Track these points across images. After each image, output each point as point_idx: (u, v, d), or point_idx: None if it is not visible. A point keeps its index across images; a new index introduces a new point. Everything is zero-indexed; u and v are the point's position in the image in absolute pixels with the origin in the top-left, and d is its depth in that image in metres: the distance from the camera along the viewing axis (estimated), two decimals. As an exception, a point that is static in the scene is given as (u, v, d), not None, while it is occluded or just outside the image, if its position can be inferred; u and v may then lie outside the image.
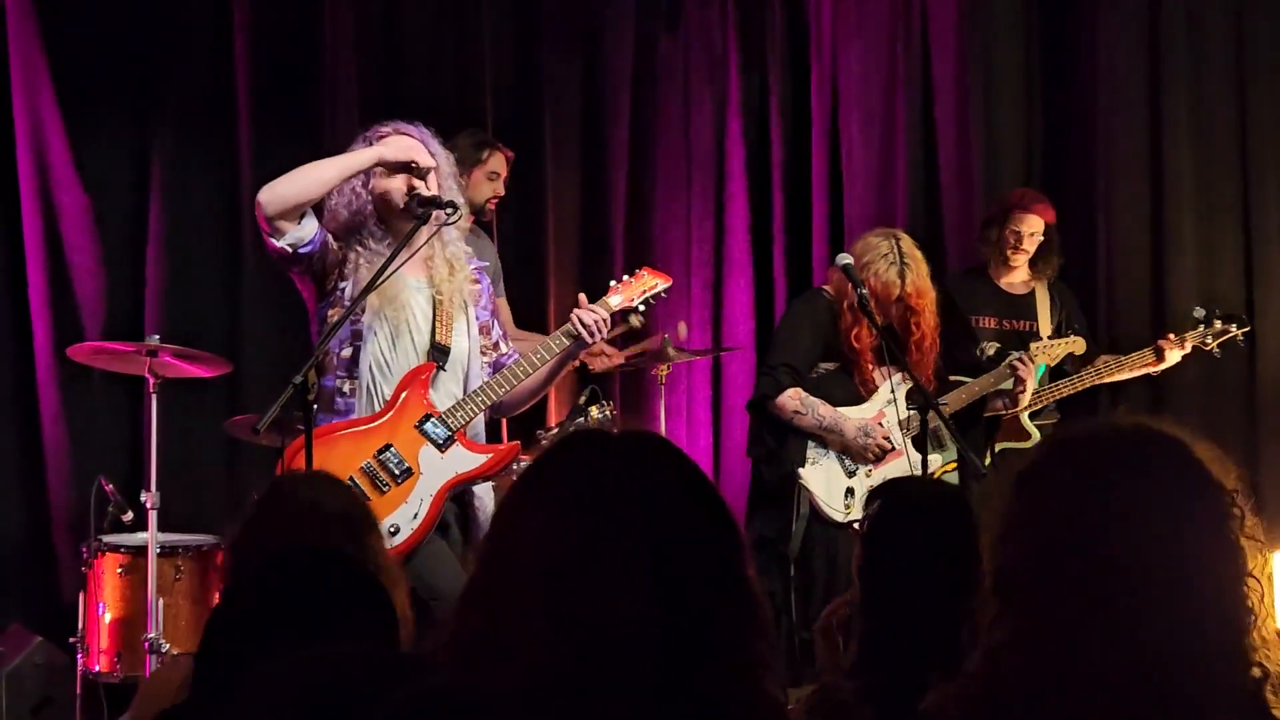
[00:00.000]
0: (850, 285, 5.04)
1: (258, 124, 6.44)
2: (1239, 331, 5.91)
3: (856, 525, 3.10)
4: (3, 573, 6.11)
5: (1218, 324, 5.88)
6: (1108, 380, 5.89)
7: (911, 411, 5.21)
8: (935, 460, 5.22)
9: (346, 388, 4.30)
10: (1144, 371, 5.88)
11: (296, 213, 4.23)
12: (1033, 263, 6.05)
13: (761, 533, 5.31)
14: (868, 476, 5.28)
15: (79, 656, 5.46)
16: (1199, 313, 5.92)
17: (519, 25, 7.02)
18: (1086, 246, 6.83)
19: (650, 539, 1.62)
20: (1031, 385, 5.54)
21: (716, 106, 7.16)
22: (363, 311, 4.25)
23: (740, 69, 7.17)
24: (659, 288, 4.70)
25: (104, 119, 6.36)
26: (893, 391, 5.28)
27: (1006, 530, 1.84)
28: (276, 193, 4.24)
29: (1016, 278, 6.07)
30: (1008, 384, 5.55)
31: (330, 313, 4.32)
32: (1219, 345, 5.90)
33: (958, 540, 2.89)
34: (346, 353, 4.30)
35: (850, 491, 5.25)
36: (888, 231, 5.50)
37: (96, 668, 5.45)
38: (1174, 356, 5.80)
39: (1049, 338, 5.83)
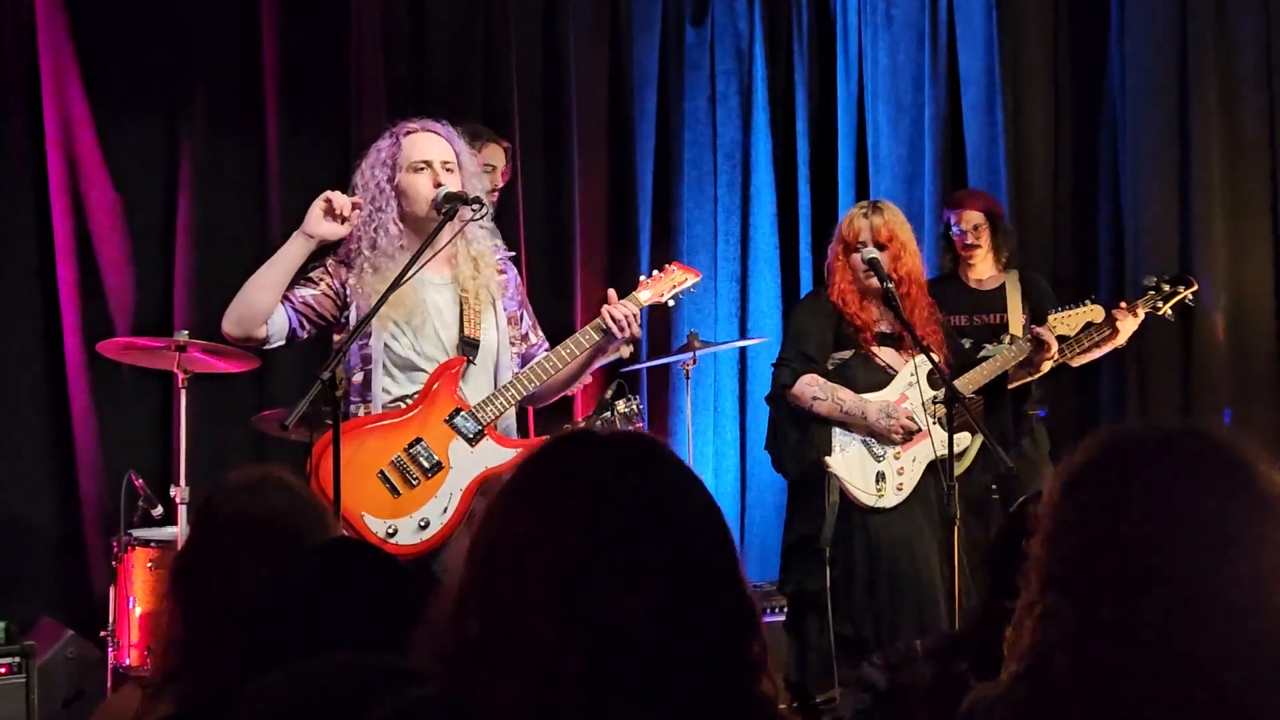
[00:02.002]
0: (875, 277, 5.09)
1: (286, 119, 6.46)
2: (1187, 292, 5.83)
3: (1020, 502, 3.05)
4: (34, 567, 6.14)
5: (1166, 288, 5.84)
6: (1076, 361, 5.84)
7: (936, 398, 5.18)
8: (964, 439, 5.20)
9: (361, 411, 4.32)
10: (1109, 348, 5.81)
11: (260, 324, 4.28)
12: (997, 255, 6.06)
13: (800, 532, 5.27)
14: (896, 459, 5.22)
15: (109, 650, 5.49)
16: (1149, 280, 5.90)
17: (545, 18, 7.03)
18: (1115, 237, 6.81)
19: (654, 540, 1.61)
20: (1055, 348, 5.48)
21: (743, 99, 7.17)
22: (369, 336, 4.28)
23: (767, 62, 7.18)
24: (688, 283, 4.70)
25: (133, 115, 6.39)
26: (913, 373, 5.25)
27: (1055, 530, 1.83)
28: (234, 319, 4.29)
29: (983, 274, 6.07)
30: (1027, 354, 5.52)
31: (337, 338, 4.37)
32: (1171, 309, 5.85)
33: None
34: (358, 378, 4.33)
35: (881, 476, 5.21)
36: (872, 200, 5.55)
37: (127, 661, 5.48)
38: (1128, 325, 5.73)
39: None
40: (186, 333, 5.37)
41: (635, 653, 1.56)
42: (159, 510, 5.53)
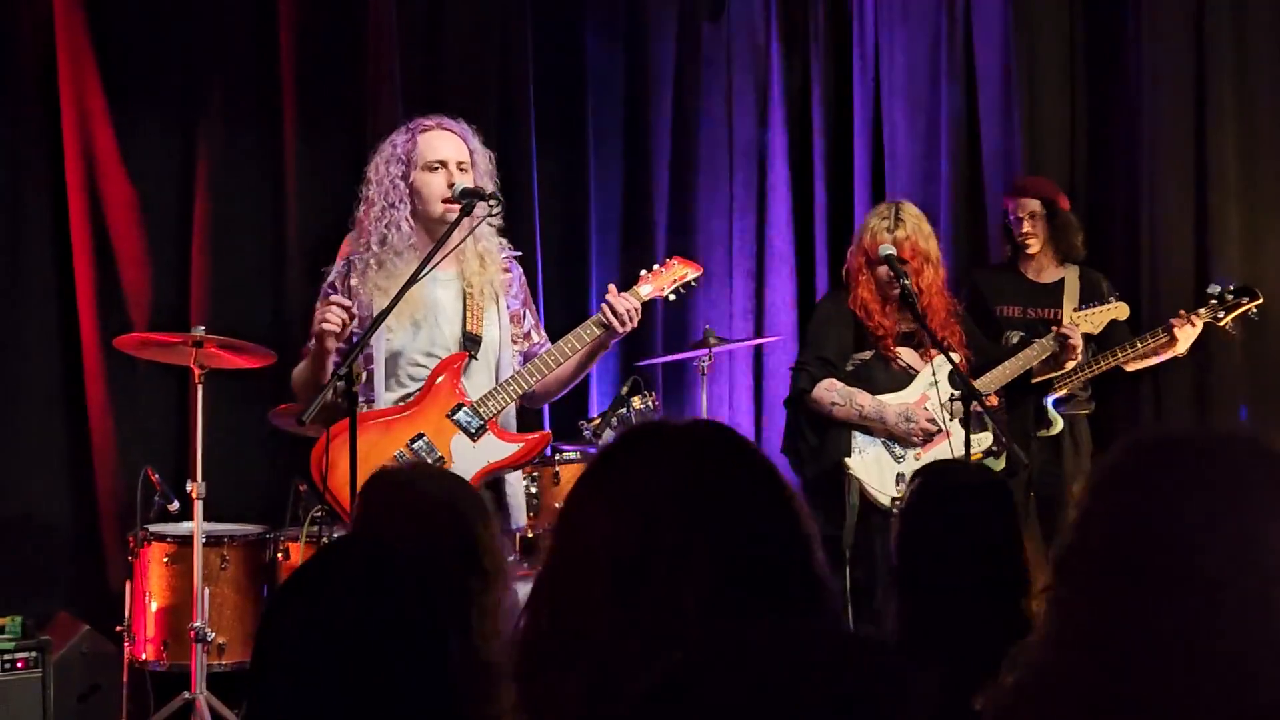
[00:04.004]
0: (892, 274, 5.11)
1: (302, 116, 6.47)
2: (1251, 305, 5.78)
3: (896, 504, 3.08)
4: (50, 562, 6.15)
5: (1229, 298, 5.78)
6: (1130, 366, 5.83)
7: (956, 399, 5.18)
8: (985, 440, 5.19)
9: (366, 409, 4.33)
10: (1167, 355, 5.78)
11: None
12: (1056, 247, 6.01)
13: (821, 532, 5.26)
14: (916, 460, 5.24)
15: (125, 645, 5.51)
16: (1212, 289, 5.83)
17: (562, 15, 7.03)
18: (1130, 235, 6.78)
19: (712, 534, 1.59)
20: (1080, 347, 5.46)
21: (759, 96, 7.15)
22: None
23: (783, 58, 7.16)
24: (689, 277, 4.69)
25: (150, 111, 6.40)
26: (934, 374, 5.26)
27: (1081, 528, 1.81)
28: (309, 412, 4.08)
29: (1042, 266, 6.03)
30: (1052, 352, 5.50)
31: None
32: (1233, 320, 5.79)
33: (997, 527, 2.87)
34: (361, 376, 4.33)
35: (900, 477, 5.23)
36: (892, 202, 5.53)
37: (143, 656, 5.50)
38: (1186, 334, 5.67)
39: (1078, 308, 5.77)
40: (203, 328, 5.37)
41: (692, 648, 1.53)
42: (175, 505, 5.55)
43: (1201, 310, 5.74)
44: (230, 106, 6.46)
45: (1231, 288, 5.82)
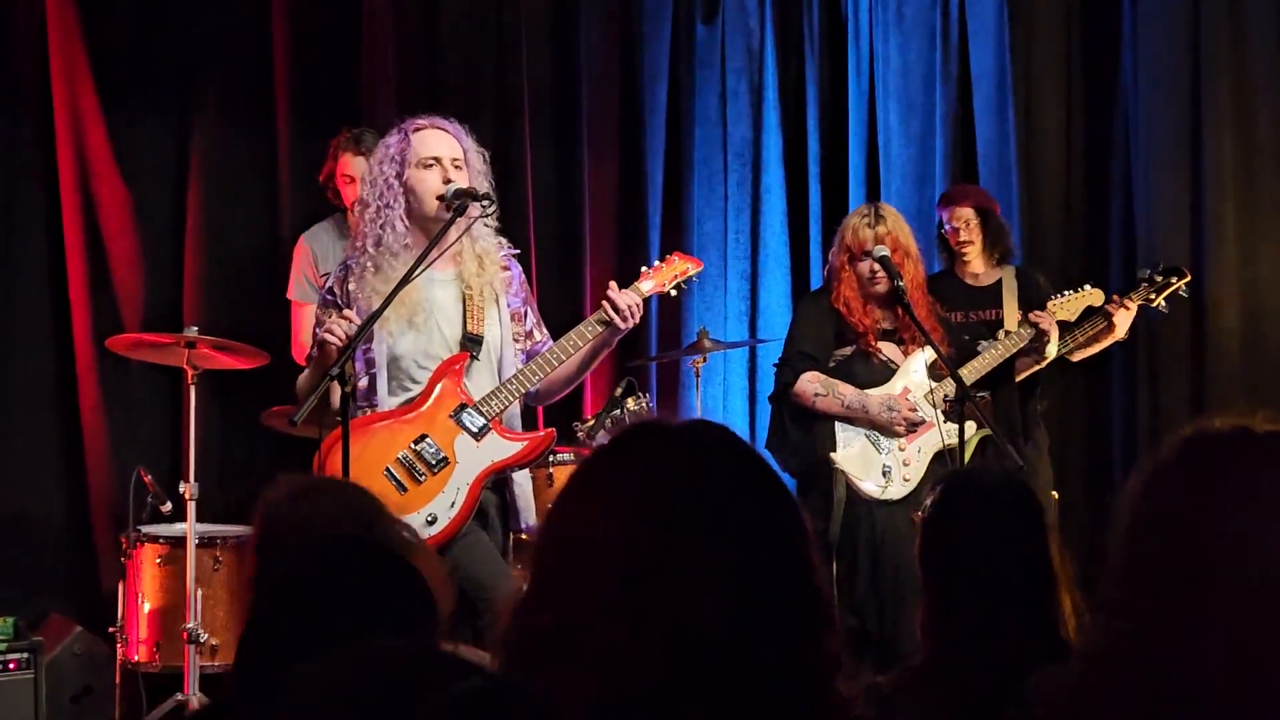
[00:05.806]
0: (874, 271, 5.24)
1: (297, 117, 6.45)
2: (1180, 283, 5.89)
3: (919, 513, 3.04)
4: (43, 563, 6.14)
5: (1158, 279, 5.87)
6: (1075, 356, 5.88)
7: (936, 386, 5.23)
8: (968, 428, 5.21)
9: (370, 413, 4.32)
10: (1108, 341, 5.87)
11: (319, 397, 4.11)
12: (991, 251, 6.04)
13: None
14: (900, 450, 5.31)
15: (118, 646, 5.49)
16: (1142, 272, 5.94)
17: (557, 16, 7.02)
18: (1126, 237, 6.78)
19: (727, 535, 1.58)
20: (1055, 333, 5.50)
21: (753, 98, 7.14)
22: (371, 340, 4.25)
23: (777, 60, 7.15)
24: (690, 272, 4.71)
25: (143, 111, 6.38)
26: (913, 367, 5.31)
27: (1136, 530, 1.79)
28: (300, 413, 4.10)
29: (978, 270, 6.05)
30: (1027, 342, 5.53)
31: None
32: (1164, 300, 5.88)
33: (1025, 533, 2.84)
34: (363, 382, 4.32)
35: (886, 468, 5.27)
36: (870, 203, 5.64)
37: (135, 658, 5.48)
38: (1123, 318, 5.78)
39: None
40: (196, 329, 5.37)
41: (707, 654, 1.52)
42: (168, 506, 5.53)
43: (1133, 294, 5.83)
44: (224, 107, 6.44)
45: (1160, 268, 5.92)
